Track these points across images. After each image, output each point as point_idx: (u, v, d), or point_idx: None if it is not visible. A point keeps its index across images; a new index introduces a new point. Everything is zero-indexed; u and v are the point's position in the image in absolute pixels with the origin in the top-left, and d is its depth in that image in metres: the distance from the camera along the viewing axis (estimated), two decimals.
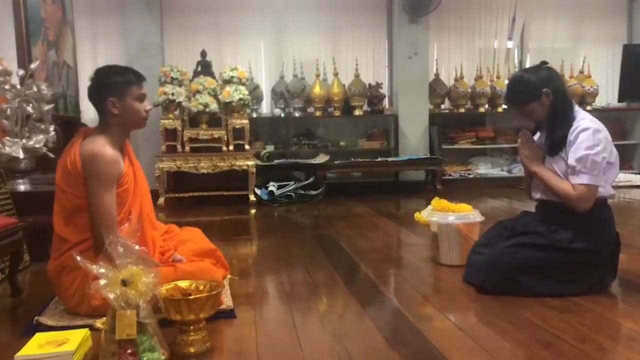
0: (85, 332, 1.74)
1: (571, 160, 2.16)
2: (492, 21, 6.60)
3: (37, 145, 3.16)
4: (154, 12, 5.80)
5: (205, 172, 5.20)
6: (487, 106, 6.42)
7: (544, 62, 2.32)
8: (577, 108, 2.28)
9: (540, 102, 2.23)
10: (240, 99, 5.21)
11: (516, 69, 6.61)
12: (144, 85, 2.15)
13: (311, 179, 5.54)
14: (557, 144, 2.22)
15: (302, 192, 5.41)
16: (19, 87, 3.18)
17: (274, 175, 5.59)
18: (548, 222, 2.27)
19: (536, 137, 2.40)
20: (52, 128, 3.34)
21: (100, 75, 2.10)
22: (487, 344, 1.74)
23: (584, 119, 2.21)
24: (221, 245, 2.77)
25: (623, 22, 6.92)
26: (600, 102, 6.65)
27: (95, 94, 2.09)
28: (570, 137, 2.19)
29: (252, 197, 5.28)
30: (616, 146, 2.27)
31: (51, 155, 3.23)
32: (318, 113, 6.03)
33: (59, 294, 2.11)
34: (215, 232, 3.56)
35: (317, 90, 5.95)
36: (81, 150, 2.01)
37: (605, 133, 2.19)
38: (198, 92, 5.24)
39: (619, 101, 6.57)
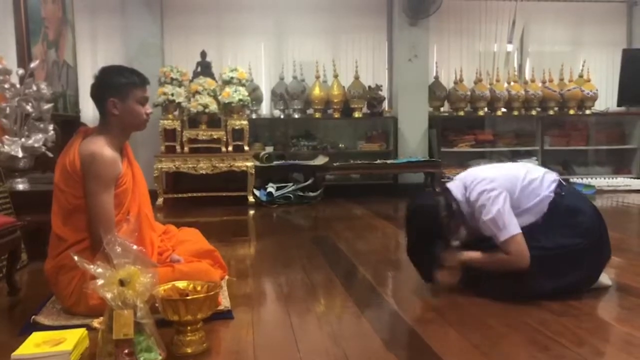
0: (82, 331, 1.74)
1: (484, 228, 2.17)
2: (492, 24, 6.61)
3: (36, 145, 3.16)
4: (155, 12, 5.80)
5: (204, 172, 5.20)
6: (486, 109, 6.41)
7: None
8: (458, 177, 2.29)
9: (456, 221, 2.24)
10: (240, 100, 5.21)
11: (515, 73, 6.62)
12: (147, 89, 2.14)
13: (310, 181, 5.54)
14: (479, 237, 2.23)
15: (301, 193, 5.41)
16: (18, 86, 3.18)
17: (273, 177, 5.59)
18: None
19: None
20: (51, 127, 3.34)
21: (104, 75, 2.09)
22: (484, 347, 1.74)
23: (472, 191, 2.21)
24: (219, 246, 2.76)
25: (622, 27, 6.93)
26: (599, 106, 6.64)
27: (98, 93, 2.09)
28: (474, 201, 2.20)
29: (250, 198, 5.27)
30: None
31: (50, 154, 3.23)
32: (317, 115, 6.03)
33: (56, 293, 2.11)
34: (213, 233, 3.55)
35: (316, 91, 5.95)
36: (80, 150, 2.01)
37: (488, 183, 2.18)
38: (198, 92, 5.23)
39: (618, 105, 6.55)
